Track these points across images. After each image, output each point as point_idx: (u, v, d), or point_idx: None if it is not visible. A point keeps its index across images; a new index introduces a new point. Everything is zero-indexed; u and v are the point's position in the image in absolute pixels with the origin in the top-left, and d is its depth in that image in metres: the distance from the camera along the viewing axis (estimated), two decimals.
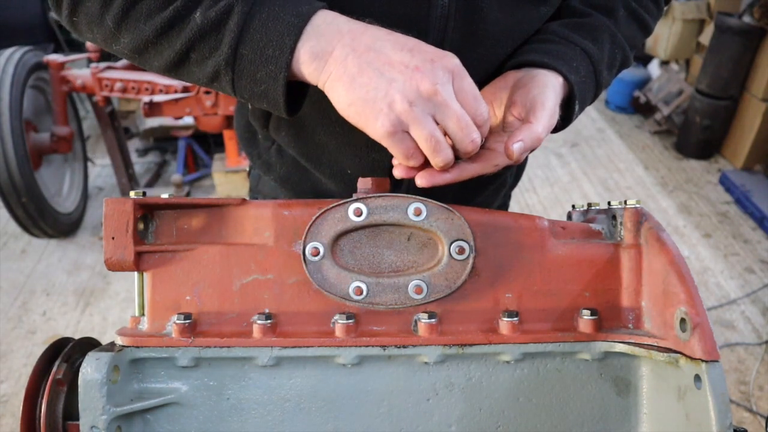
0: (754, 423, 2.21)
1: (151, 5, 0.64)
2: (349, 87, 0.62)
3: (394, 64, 0.61)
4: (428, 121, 0.61)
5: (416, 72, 0.60)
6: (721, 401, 0.56)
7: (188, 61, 0.66)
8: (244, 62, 0.63)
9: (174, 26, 0.64)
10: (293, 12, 0.62)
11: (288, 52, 0.62)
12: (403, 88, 0.60)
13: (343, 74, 0.62)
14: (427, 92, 0.60)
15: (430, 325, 0.65)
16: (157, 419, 0.66)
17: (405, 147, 0.63)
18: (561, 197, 3.69)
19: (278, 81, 0.63)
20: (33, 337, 2.60)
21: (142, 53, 0.68)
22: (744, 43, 3.58)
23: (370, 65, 0.61)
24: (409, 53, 0.61)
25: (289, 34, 0.62)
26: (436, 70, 0.61)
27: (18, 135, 2.73)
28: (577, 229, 0.72)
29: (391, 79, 0.60)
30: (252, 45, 0.63)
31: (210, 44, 0.64)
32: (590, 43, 0.80)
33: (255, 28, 0.62)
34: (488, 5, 0.75)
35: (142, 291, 0.68)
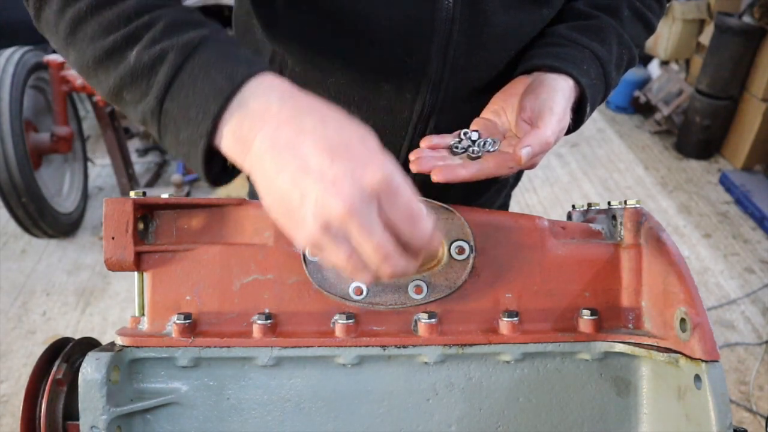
0: (754, 423, 2.21)
1: (95, 29, 0.60)
2: (267, 189, 0.54)
3: (311, 173, 0.50)
4: (343, 246, 0.52)
5: (331, 187, 0.49)
6: (721, 401, 0.56)
7: (122, 100, 0.61)
8: (168, 119, 0.57)
9: (111, 59, 0.59)
10: (225, 73, 0.55)
11: (210, 120, 0.54)
12: (314, 209, 0.50)
13: (262, 174, 0.53)
14: (340, 216, 0.49)
15: (430, 325, 0.65)
16: (157, 419, 0.66)
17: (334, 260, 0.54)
18: (561, 197, 3.69)
19: (198, 148, 0.55)
20: (33, 337, 2.60)
21: (85, 75, 0.64)
22: (744, 43, 3.58)
23: (286, 169, 0.51)
24: (330, 159, 0.50)
25: (215, 99, 0.54)
26: (356, 188, 0.49)
27: (18, 135, 2.73)
28: (577, 229, 0.72)
29: (305, 191, 0.50)
30: (177, 102, 0.56)
31: (140, 89, 0.58)
32: (598, 44, 0.81)
33: (183, 82, 0.56)
34: (492, 8, 0.75)
35: (142, 291, 0.68)
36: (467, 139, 0.72)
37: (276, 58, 0.84)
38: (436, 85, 0.80)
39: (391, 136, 0.85)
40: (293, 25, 0.77)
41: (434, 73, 0.78)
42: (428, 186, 0.80)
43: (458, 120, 0.83)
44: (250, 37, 0.88)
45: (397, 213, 0.51)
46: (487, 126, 0.76)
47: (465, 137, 0.72)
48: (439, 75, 0.79)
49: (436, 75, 0.79)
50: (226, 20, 3.23)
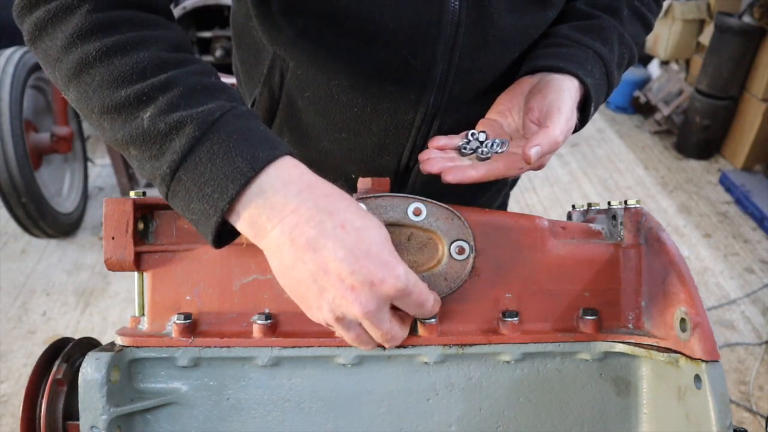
0: (754, 423, 2.21)
1: (105, 77, 0.57)
2: (284, 275, 0.56)
3: (330, 274, 0.53)
4: (352, 331, 0.58)
5: (349, 292, 0.53)
6: (721, 401, 0.56)
7: (128, 153, 0.59)
8: (180, 187, 0.56)
9: (121, 114, 0.57)
10: (246, 155, 0.54)
11: (227, 201, 0.54)
12: (331, 304, 0.54)
13: (279, 262, 0.55)
14: (355, 317, 0.55)
15: (430, 325, 0.65)
16: (157, 419, 0.66)
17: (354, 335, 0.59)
18: (561, 197, 3.69)
19: (210, 222, 0.55)
20: (33, 337, 2.60)
21: (85, 117, 0.61)
22: (744, 43, 3.58)
23: (306, 266, 0.54)
24: (349, 268, 0.53)
25: (233, 181, 0.53)
26: (372, 297, 0.54)
27: (18, 135, 2.73)
28: (577, 229, 0.72)
29: (323, 288, 0.54)
30: (193, 175, 0.55)
31: (151, 152, 0.56)
32: (601, 44, 0.81)
33: (200, 159, 0.54)
34: (498, 10, 0.75)
35: (142, 291, 0.68)
36: (475, 140, 0.72)
37: (276, 61, 0.83)
38: (441, 87, 0.80)
39: (394, 137, 0.85)
40: (295, 27, 0.77)
41: (439, 75, 0.78)
42: (429, 186, 0.80)
43: (462, 122, 0.83)
44: (249, 40, 0.88)
45: (408, 308, 0.59)
46: (493, 127, 0.77)
47: (473, 138, 0.73)
48: (443, 77, 0.79)
49: (441, 77, 0.79)
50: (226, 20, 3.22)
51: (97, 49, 0.57)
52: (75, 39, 0.58)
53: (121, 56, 0.58)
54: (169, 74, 0.58)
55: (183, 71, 0.59)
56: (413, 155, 0.88)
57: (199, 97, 0.57)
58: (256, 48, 0.87)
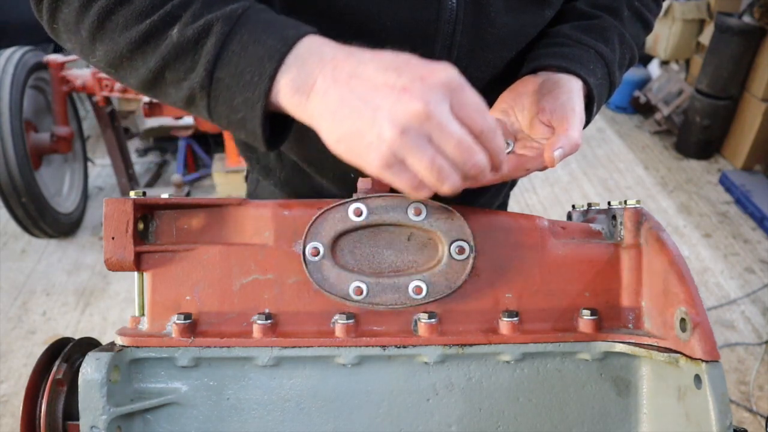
0: (754, 423, 2.21)
1: (128, 17, 0.60)
2: (334, 122, 0.55)
3: (380, 88, 0.53)
4: (425, 149, 0.53)
5: (404, 93, 0.52)
6: (721, 401, 0.56)
7: (163, 81, 0.61)
8: (220, 87, 0.58)
9: (149, 42, 0.60)
10: (277, 36, 0.57)
11: (267, 79, 0.56)
12: (390, 115, 0.52)
13: (326, 110, 0.55)
14: (418, 115, 0.52)
15: (430, 325, 0.65)
16: (157, 419, 0.66)
17: (407, 179, 0.56)
18: (561, 197, 3.69)
19: (256, 109, 0.57)
20: (33, 337, 2.60)
21: (117, 68, 0.64)
22: (744, 43, 3.58)
23: (354, 93, 0.54)
24: (395, 73, 0.53)
25: (270, 60, 0.56)
26: (427, 89, 0.52)
27: (18, 135, 2.73)
28: (577, 229, 0.72)
29: (377, 107, 0.53)
30: (229, 69, 0.57)
31: (185, 65, 0.59)
32: (603, 44, 0.81)
33: (233, 50, 0.57)
34: (496, 9, 0.75)
35: (142, 291, 0.68)
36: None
37: None
38: None
39: None
40: None
41: None
42: None
43: None
44: None
45: (468, 107, 0.54)
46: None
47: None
48: None
49: None
50: None
51: None
52: None
53: None
54: None
55: None
56: None
57: (219, 3, 0.60)
58: None
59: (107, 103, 3.12)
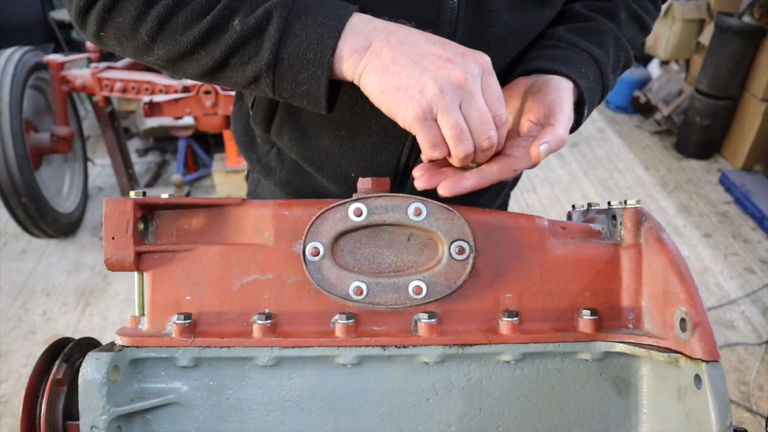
0: (754, 423, 2.21)
1: (188, 17, 0.66)
2: (383, 75, 0.64)
3: (427, 55, 0.63)
4: (456, 110, 0.63)
5: (448, 62, 0.63)
6: (721, 401, 0.56)
7: (227, 67, 0.68)
8: (285, 66, 0.65)
9: (212, 35, 0.66)
10: (332, 15, 0.65)
11: (329, 53, 0.64)
12: (435, 76, 0.62)
13: (378, 64, 0.64)
14: (458, 81, 0.62)
15: (430, 325, 0.65)
16: (157, 419, 0.66)
17: (432, 135, 0.64)
18: (561, 197, 3.69)
19: (320, 82, 0.65)
20: (33, 337, 2.60)
21: (176, 63, 0.69)
22: (744, 43, 3.58)
23: (404, 55, 0.63)
24: (442, 47, 0.64)
25: (330, 36, 0.64)
26: (468, 63, 0.63)
27: (18, 135, 2.73)
28: (577, 229, 0.72)
29: (424, 68, 0.63)
30: (293, 49, 0.64)
31: (250, 50, 0.66)
32: (596, 47, 0.81)
33: (295, 32, 0.64)
34: (496, 9, 0.75)
35: (142, 291, 0.68)
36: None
37: None
38: None
39: (393, 136, 0.85)
40: None
41: None
42: None
43: None
44: None
45: (493, 92, 0.65)
46: None
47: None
48: None
49: None
50: None
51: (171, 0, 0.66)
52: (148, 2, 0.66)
53: None
54: None
55: None
56: (412, 154, 0.88)
57: None
58: None
59: (107, 103, 3.12)
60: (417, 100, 0.62)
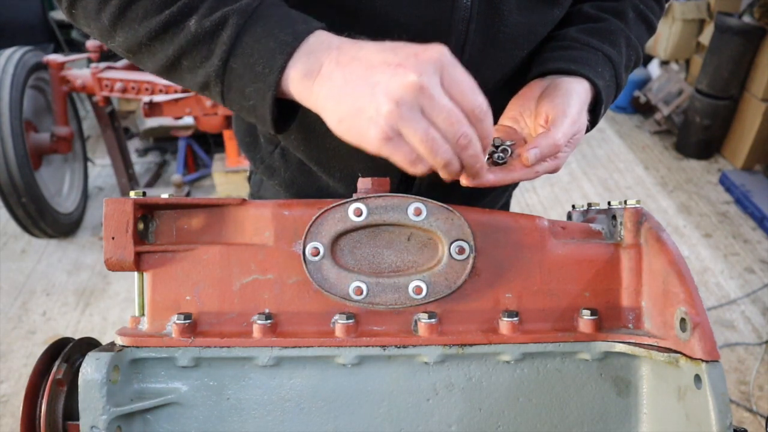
0: (754, 423, 2.21)
1: (147, 7, 0.64)
2: (338, 101, 0.59)
3: (376, 66, 0.57)
4: (419, 119, 0.56)
5: (399, 68, 0.56)
6: (721, 401, 0.56)
7: (180, 67, 0.66)
8: (233, 76, 0.62)
9: (168, 31, 0.64)
10: (288, 30, 0.61)
11: (277, 71, 0.60)
12: (386, 89, 0.56)
13: (331, 90, 0.59)
14: (412, 87, 0.55)
15: (430, 325, 0.65)
16: (157, 419, 0.66)
17: (405, 152, 0.58)
18: (561, 197, 3.69)
19: (266, 99, 0.62)
20: (33, 337, 2.60)
21: (135, 53, 0.68)
22: (744, 43, 3.58)
23: (354, 73, 0.58)
24: (392, 52, 0.58)
25: (281, 53, 0.60)
26: (421, 63, 0.56)
27: (18, 135, 2.73)
28: (577, 229, 0.72)
29: (375, 83, 0.56)
30: (243, 60, 0.62)
31: (202, 54, 0.63)
32: (609, 47, 0.82)
33: (247, 42, 0.61)
34: (508, 8, 0.76)
35: (142, 291, 0.68)
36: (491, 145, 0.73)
37: None
38: None
39: None
40: None
41: None
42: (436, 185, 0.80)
43: None
44: None
45: (459, 84, 0.57)
46: (508, 132, 0.77)
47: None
48: None
49: None
50: None
51: None
52: None
53: None
54: None
55: None
56: None
57: None
58: None
59: (107, 103, 3.12)
60: (374, 120, 0.56)
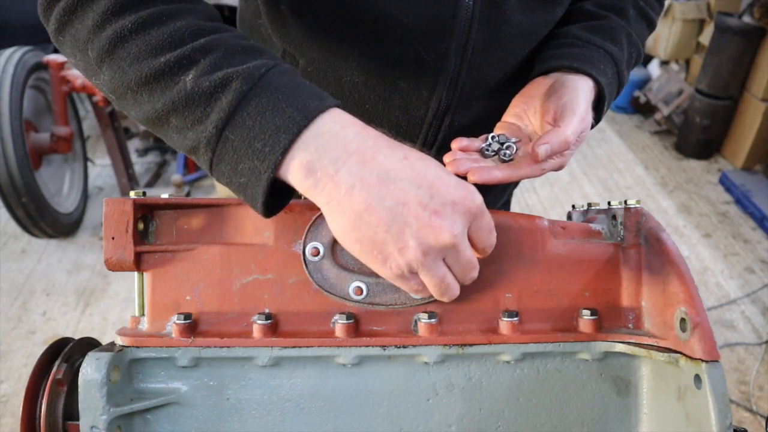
0: (754, 423, 2.21)
1: (142, 48, 0.56)
2: (355, 223, 0.53)
3: (410, 205, 0.52)
4: (440, 268, 0.56)
5: (434, 217, 0.52)
6: (721, 401, 0.56)
7: (167, 124, 0.58)
8: (227, 148, 0.54)
9: (159, 81, 0.56)
10: (299, 106, 0.54)
11: (280, 152, 0.53)
12: (417, 236, 0.52)
13: (348, 207, 0.53)
14: (444, 244, 0.53)
15: (430, 325, 0.65)
16: (157, 419, 0.66)
17: (412, 285, 0.58)
18: (561, 197, 3.69)
19: (261, 180, 0.54)
20: (33, 337, 2.60)
21: (120, 97, 0.60)
22: (744, 43, 3.58)
23: (382, 202, 0.52)
24: (428, 192, 0.53)
25: (286, 131, 0.53)
26: (456, 217, 0.53)
27: (18, 135, 2.73)
28: (577, 229, 0.72)
29: (405, 223, 0.52)
30: (241, 132, 0.54)
31: (195, 116, 0.55)
32: (611, 44, 0.82)
33: (249, 113, 0.54)
34: (510, 8, 0.76)
35: (142, 291, 0.68)
36: (496, 142, 0.73)
37: (286, 59, 0.83)
38: (453, 83, 0.80)
39: (405, 134, 0.85)
40: (306, 24, 0.77)
41: (451, 71, 0.79)
42: None
43: (471, 118, 0.83)
44: (257, 37, 0.88)
45: (482, 231, 0.57)
46: (512, 129, 0.77)
47: (494, 141, 0.74)
48: (456, 73, 0.79)
49: (453, 73, 0.79)
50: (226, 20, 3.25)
51: (133, 21, 0.56)
52: (108, 16, 0.57)
53: (158, 26, 0.57)
54: (208, 38, 0.57)
55: (222, 35, 0.58)
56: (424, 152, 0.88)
57: (241, 56, 0.57)
58: (265, 46, 0.87)
59: (107, 103, 3.12)
60: (395, 259, 0.54)
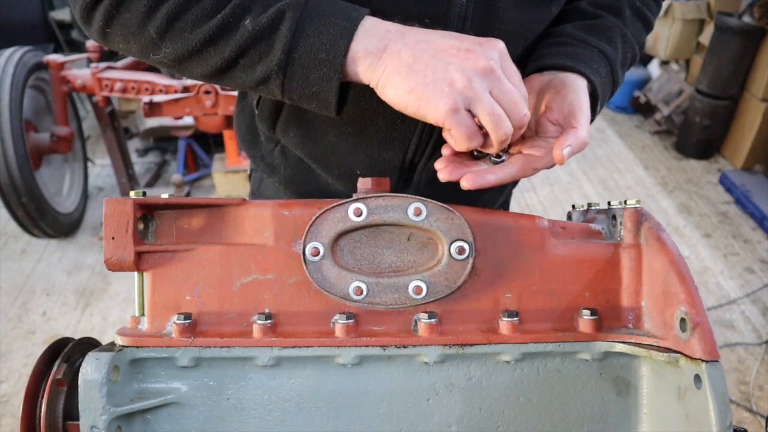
0: (754, 423, 2.21)
1: (198, 14, 0.65)
2: (407, 75, 0.64)
3: (447, 49, 0.64)
4: (488, 96, 0.64)
5: (469, 53, 0.64)
6: (721, 401, 0.56)
7: (235, 67, 0.67)
8: (296, 66, 0.65)
9: (222, 34, 0.65)
10: (344, 16, 0.65)
11: (342, 54, 0.64)
12: (461, 67, 0.63)
13: (399, 65, 0.64)
14: (484, 69, 0.63)
15: (430, 325, 0.65)
16: (157, 419, 0.66)
17: (467, 126, 0.64)
18: (561, 197, 3.69)
19: (332, 83, 0.65)
20: (33, 337, 2.60)
21: (183, 62, 0.69)
22: (744, 43, 3.58)
23: (425, 53, 0.64)
24: (458, 39, 0.65)
25: (342, 37, 0.64)
26: (488, 50, 0.64)
27: (18, 135, 2.73)
28: (577, 229, 0.72)
29: (448, 62, 0.63)
30: (305, 49, 0.64)
31: (261, 50, 0.65)
32: (605, 44, 0.82)
33: (308, 32, 0.64)
34: (504, 5, 0.76)
35: (142, 291, 0.68)
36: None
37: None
38: None
39: (400, 131, 0.85)
40: None
41: None
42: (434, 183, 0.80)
43: None
44: None
45: (512, 74, 0.66)
46: None
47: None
48: None
49: None
50: None
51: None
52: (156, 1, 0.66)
53: None
54: None
55: None
56: (419, 150, 0.88)
57: None
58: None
59: (107, 103, 3.12)
60: (447, 93, 0.63)
